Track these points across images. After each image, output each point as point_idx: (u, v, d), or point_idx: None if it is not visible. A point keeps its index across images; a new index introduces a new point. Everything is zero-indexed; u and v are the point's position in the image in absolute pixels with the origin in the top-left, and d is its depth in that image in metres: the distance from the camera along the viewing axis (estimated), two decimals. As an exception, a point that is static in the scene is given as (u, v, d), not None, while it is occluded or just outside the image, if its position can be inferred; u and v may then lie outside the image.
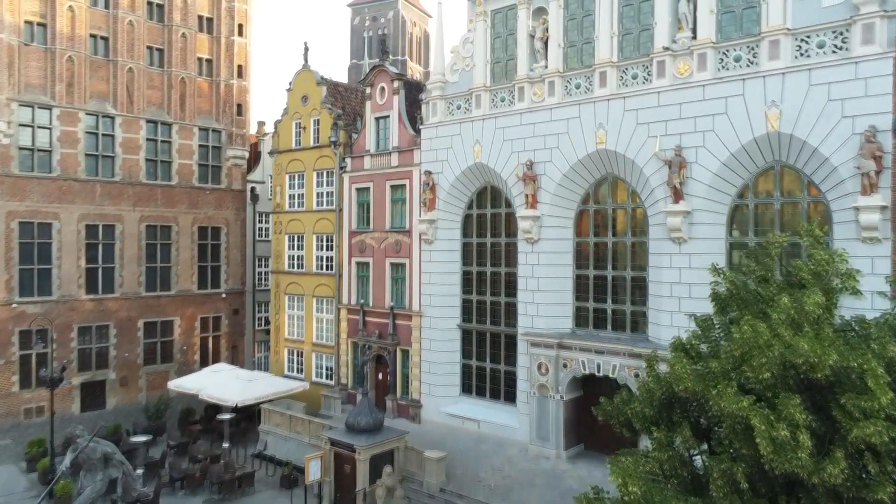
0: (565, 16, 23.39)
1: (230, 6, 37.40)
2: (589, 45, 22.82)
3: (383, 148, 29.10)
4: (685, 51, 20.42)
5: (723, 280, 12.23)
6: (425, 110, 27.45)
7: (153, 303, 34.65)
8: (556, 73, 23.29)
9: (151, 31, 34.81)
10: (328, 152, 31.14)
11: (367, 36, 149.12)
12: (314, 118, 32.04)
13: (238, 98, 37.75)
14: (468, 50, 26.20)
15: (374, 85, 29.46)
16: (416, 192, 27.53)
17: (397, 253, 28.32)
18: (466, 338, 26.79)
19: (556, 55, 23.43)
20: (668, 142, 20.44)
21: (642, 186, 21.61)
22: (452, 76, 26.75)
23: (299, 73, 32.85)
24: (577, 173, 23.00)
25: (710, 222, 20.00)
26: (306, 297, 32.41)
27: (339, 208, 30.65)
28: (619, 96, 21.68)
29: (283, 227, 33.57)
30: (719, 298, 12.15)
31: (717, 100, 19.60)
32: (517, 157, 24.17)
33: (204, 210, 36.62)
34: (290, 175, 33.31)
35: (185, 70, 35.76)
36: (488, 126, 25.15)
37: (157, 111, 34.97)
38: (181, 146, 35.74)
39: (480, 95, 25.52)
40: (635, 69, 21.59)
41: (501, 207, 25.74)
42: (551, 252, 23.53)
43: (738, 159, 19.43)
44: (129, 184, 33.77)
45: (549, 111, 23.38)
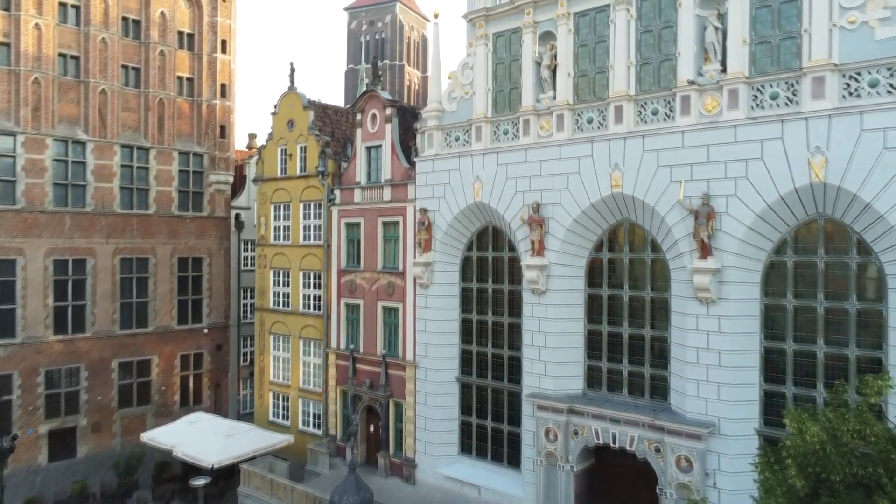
0: (576, 42, 21.00)
1: (212, 21, 34.97)
2: (602, 76, 20.44)
3: (375, 180, 26.69)
4: (713, 85, 18.05)
5: (808, 433, 9.71)
6: (420, 141, 25.06)
7: (129, 341, 32.18)
8: (566, 105, 20.91)
9: (127, 48, 32.36)
10: (316, 182, 28.73)
11: (364, 40, 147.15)
12: (300, 145, 29.62)
13: (221, 119, 35.31)
14: (467, 76, 23.80)
15: (364, 111, 27.06)
16: (411, 231, 25.13)
17: (390, 296, 25.89)
18: (466, 392, 24.37)
19: (566, 85, 21.04)
20: (694, 188, 18.06)
21: (663, 236, 19.22)
22: (450, 104, 24.34)
23: (285, 96, 30.45)
24: (589, 218, 20.61)
25: (743, 281, 17.61)
26: (292, 339, 29.99)
27: (328, 244, 28.23)
28: (638, 134, 19.29)
29: (268, 261, 31.15)
30: (802, 456, 9.65)
31: (750, 143, 17.22)
32: (522, 198, 21.78)
33: (184, 240, 34.16)
34: (275, 205, 30.89)
35: (163, 90, 33.31)
36: (490, 161, 22.75)
37: (132, 135, 32.52)
38: (159, 172, 33.29)
39: (481, 127, 23.12)
40: (655, 104, 19.21)
41: (504, 251, 23.33)
42: (560, 304, 21.13)
43: (776, 211, 17.04)
44: (101, 214, 31.30)
45: (558, 148, 20.99)
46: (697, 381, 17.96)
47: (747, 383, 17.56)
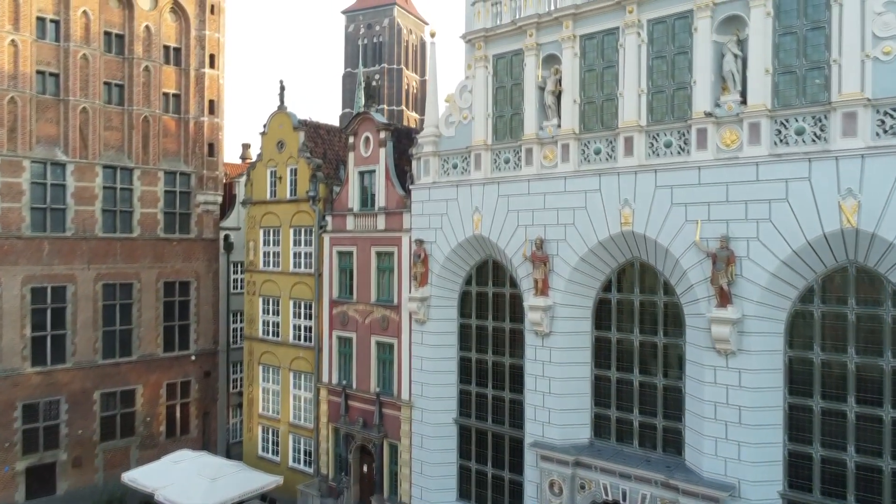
0: (582, 66, 19.58)
1: (200, 35, 33.52)
2: (611, 103, 19.03)
3: (368, 207, 25.27)
4: (732, 117, 16.64)
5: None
6: (416, 167, 23.64)
7: (111, 371, 30.72)
8: (571, 134, 19.50)
9: (109, 64, 30.90)
10: (306, 207, 27.30)
11: (361, 44, 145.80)
12: (291, 167, 28.20)
13: (209, 137, 33.86)
14: (466, 100, 22.39)
15: (357, 134, 25.63)
16: (406, 262, 23.71)
17: (384, 331, 24.47)
18: (464, 435, 22.93)
19: (571, 112, 19.63)
20: (712, 229, 16.65)
21: (678, 278, 17.81)
22: (447, 129, 22.92)
23: (274, 116, 29.03)
24: (596, 256, 19.20)
25: (765, 332, 16.20)
26: (282, 370, 28.55)
27: (319, 273, 26.80)
28: (649, 168, 17.88)
29: (257, 287, 29.71)
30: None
31: (774, 182, 15.81)
32: (524, 232, 20.37)
33: (170, 263, 32.71)
34: (264, 230, 29.46)
35: (148, 108, 31.85)
36: (490, 192, 21.34)
37: (115, 155, 31.07)
38: (144, 193, 31.84)
39: (480, 155, 21.71)
40: (669, 136, 17.80)
41: (505, 286, 21.90)
42: (566, 348, 19.72)
43: (803, 257, 15.64)
44: (82, 239, 29.84)
45: (563, 180, 19.58)
46: (715, 438, 16.55)
47: (770, 443, 16.16)
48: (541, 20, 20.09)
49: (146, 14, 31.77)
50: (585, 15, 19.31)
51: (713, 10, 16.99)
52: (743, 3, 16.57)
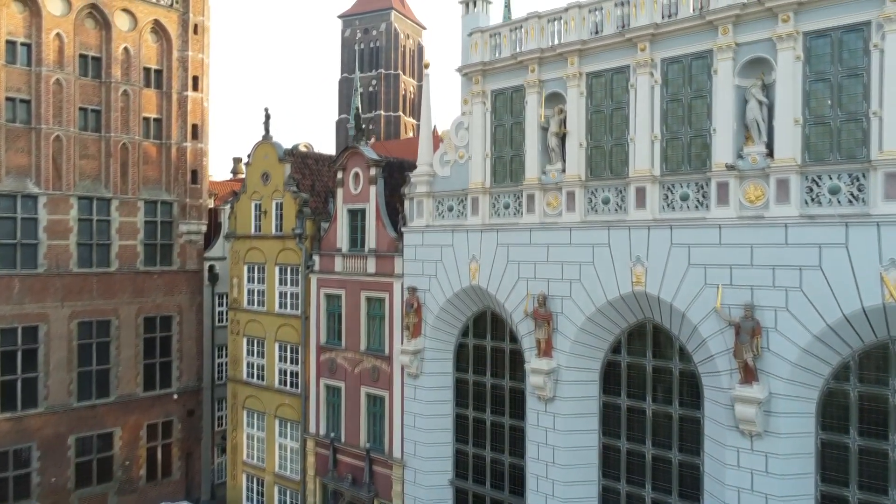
0: (588, 107, 17.92)
1: (182, 56, 31.78)
2: (621, 149, 17.36)
3: (358, 248, 23.58)
4: (757, 172, 14.99)
5: None
6: (408, 208, 21.97)
7: (87, 414, 28.97)
8: (577, 181, 17.84)
9: (85, 89, 29.15)
10: (292, 245, 25.60)
11: (358, 49, 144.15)
12: (276, 201, 26.49)
13: (193, 163, 32.12)
14: (462, 138, 20.72)
15: (346, 169, 23.95)
16: (398, 310, 22.03)
17: (375, 382, 22.79)
18: (461, 500, 21.24)
19: (577, 157, 17.97)
20: (735, 296, 15.00)
21: (696, 345, 16.15)
22: (442, 169, 21.25)
23: (259, 146, 27.33)
24: (605, 316, 17.53)
25: (795, 412, 14.54)
26: (268, 417, 26.85)
27: (306, 315, 25.11)
28: (664, 224, 16.22)
29: (241, 327, 28.02)
30: None
31: (805, 247, 14.16)
32: (526, 286, 18.70)
33: (151, 297, 30.96)
34: (248, 266, 27.77)
35: (127, 134, 30.10)
36: (488, 240, 19.66)
37: (92, 185, 29.32)
38: (122, 225, 30.08)
39: (478, 199, 20.05)
40: (686, 188, 16.15)
41: (505, 341, 20.23)
42: (571, 415, 18.05)
43: (839, 332, 13.98)
44: (56, 275, 28.09)
45: (568, 231, 17.91)
46: (739, 528, 14.90)
47: (801, 536, 14.51)
48: (543, 55, 18.44)
49: (125, 35, 30.02)
50: (592, 51, 17.66)
51: (735, 52, 15.34)
52: (769, 45, 14.93)
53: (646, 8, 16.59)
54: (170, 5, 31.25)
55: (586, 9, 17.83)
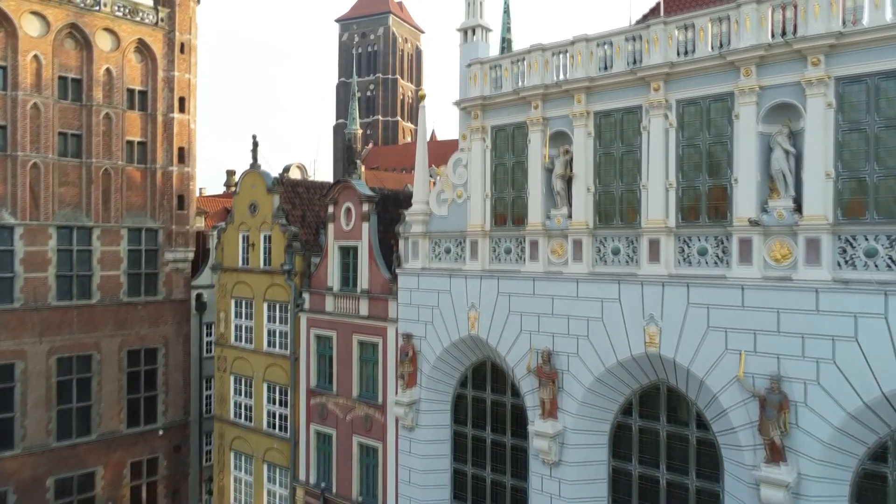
0: (597, 148, 16.57)
1: (168, 76, 30.39)
2: (632, 195, 16.02)
3: (350, 288, 22.22)
4: (783, 228, 13.66)
5: None
6: (403, 248, 20.62)
7: (67, 454, 27.60)
8: (585, 228, 16.50)
9: (65, 113, 27.78)
10: (281, 281, 24.25)
11: (355, 53, 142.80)
12: (265, 233, 25.13)
13: (179, 188, 30.74)
14: (460, 175, 19.37)
15: (337, 203, 22.59)
16: (392, 355, 20.68)
17: (368, 431, 21.43)
18: (459, 562, 19.92)
19: (584, 202, 16.63)
20: (760, 364, 13.66)
21: (715, 413, 14.81)
22: (439, 208, 19.89)
23: (246, 176, 25.99)
24: (615, 377, 16.19)
25: (827, 495, 13.20)
26: (255, 461, 25.48)
27: (295, 356, 23.75)
28: (680, 280, 14.88)
29: (228, 364, 26.66)
30: None
31: (839, 315, 12.82)
32: (529, 340, 17.36)
33: (135, 329, 29.59)
34: (235, 300, 26.41)
35: (109, 159, 28.75)
36: (488, 287, 18.31)
37: (72, 214, 27.95)
38: (104, 254, 28.71)
39: (477, 242, 18.69)
40: (704, 242, 14.81)
41: (506, 394, 18.88)
42: (578, 481, 16.69)
43: (877, 411, 12.64)
44: (33, 309, 26.73)
45: (575, 283, 16.56)
46: None
47: None
48: (548, 91, 17.09)
49: (107, 56, 28.66)
50: (601, 88, 16.32)
51: (759, 96, 14.01)
52: (797, 90, 13.59)
53: (660, 44, 15.26)
54: (155, 24, 29.90)
55: (594, 42, 16.48)
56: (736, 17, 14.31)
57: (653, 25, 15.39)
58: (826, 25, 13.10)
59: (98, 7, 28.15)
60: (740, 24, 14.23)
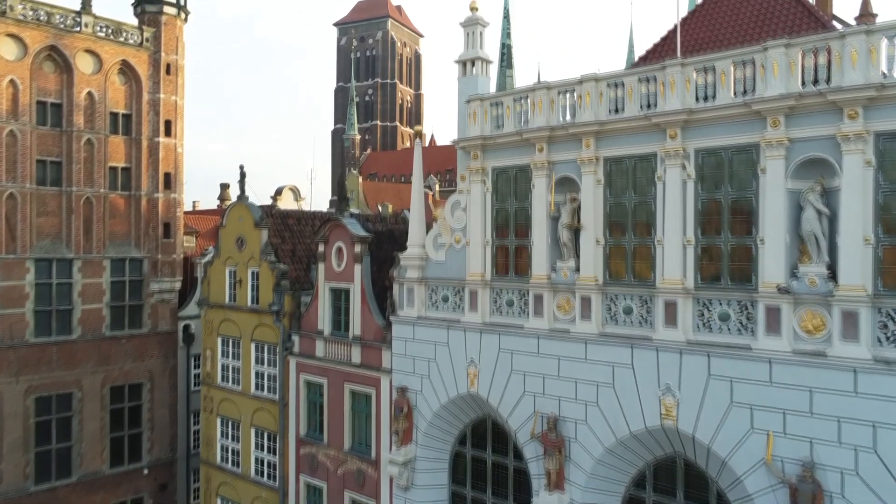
0: (607, 197, 15.25)
1: (154, 99, 29.04)
2: (646, 250, 14.70)
3: (341, 333, 20.89)
4: (816, 297, 12.33)
5: None
6: (398, 293, 19.29)
7: (46, 499, 26.24)
8: (594, 284, 15.18)
9: (44, 140, 26.43)
10: (269, 322, 22.92)
11: (354, 57, 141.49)
12: (252, 269, 23.80)
13: (165, 215, 29.39)
14: (458, 219, 18.04)
15: (328, 242, 21.26)
16: (385, 408, 19.36)
17: (360, 488, 20.11)
18: None
19: (593, 256, 15.31)
20: (790, 448, 12.35)
21: (738, 496, 13.47)
22: (436, 252, 18.57)
23: (233, 208, 24.66)
24: (628, 448, 14.86)
25: None
26: (243, 509, 24.16)
27: (284, 402, 22.42)
28: (700, 349, 13.56)
29: (215, 405, 25.31)
30: None
31: (880, 400, 11.50)
32: (532, 402, 16.04)
33: (118, 364, 28.25)
34: (222, 339, 25.07)
35: (91, 187, 27.40)
36: (489, 342, 16.99)
37: (51, 246, 26.60)
38: (86, 287, 27.38)
39: (477, 293, 17.37)
40: (726, 307, 13.49)
41: (508, 456, 17.56)
42: (586, 559, 15.36)
43: (922, 509, 11.32)
44: (9, 347, 25.39)
45: (583, 345, 15.24)
46: None
47: None
48: (554, 133, 15.78)
49: (88, 79, 27.30)
50: (612, 133, 15.00)
51: (788, 149, 12.69)
52: (831, 145, 12.28)
53: (677, 88, 13.95)
54: (139, 44, 28.56)
55: (604, 82, 15.17)
56: (762, 61, 13.00)
57: (669, 67, 14.08)
58: (864, 75, 11.80)
59: (79, 28, 26.80)
60: (767, 69, 12.92)
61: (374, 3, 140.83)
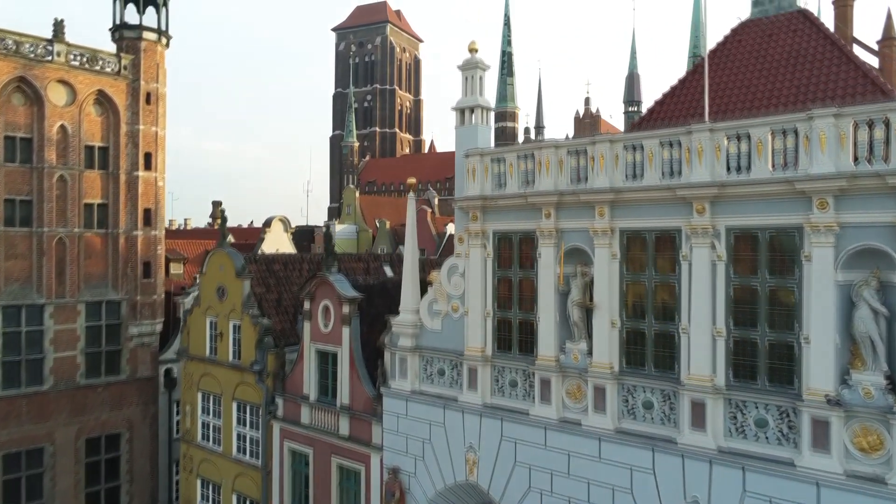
0: (623, 274, 13.47)
1: (133, 130, 27.26)
2: (669, 337, 12.91)
3: (328, 400, 19.11)
4: (871, 411, 10.54)
5: None
6: (389, 362, 17.52)
7: (15, 562, 24.55)
8: (608, 371, 13.40)
9: (12, 177, 24.68)
10: (252, 381, 21.14)
11: (352, 63, 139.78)
12: (234, 322, 22.02)
13: (145, 254, 27.62)
14: (456, 286, 16.26)
15: (314, 299, 19.48)
16: (375, 487, 17.57)
17: (348, 573, 18.34)
18: None
19: (608, 339, 13.53)
20: (841, 588, 10.54)
21: None
22: (432, 320, 16.79)
23: (214, 255, 22.86)
24: (647, 563, 13.07)
25: None
26: (224, 581, 22.37)
27: (267, 469, 20.64)
28: (733, 459, 11.77)
29: (195, 465, 23.53)
30: None
31: (953, 542, 9.71)
32: (539, 499, 14.24)
33: (94, 415, 26.49)
34: (203, 394, 23.29)
35: (64, 226, 25.65)
36: (489, 428, 15.21)
37: (20, 291, 24.84)
38: (59, 334, 25.62)
39: (476, 370, 15.59)
40: (763, 412, 11.70)
41: (511, 552, 15.77)
42: None
43: None
44: (-26, 403, 23.68)
45: (597, 441, 13.45)
46: None
47: None
48: (563, 199, 14.00)
49: (61, 111, 25.54)
50: (629, 202, 13.22)
51: (838, 237, 10.89)
52: (889, 233, 10.50)
53: (705, 157, 12.16)
54: (117, 73, 26.80)
55: (620, 144, 13.40)
56: (806, 131, 11.22)
57: (696, 132, 12.29)
58: (933, 156, 10.01)
59: (50, 57, 25.03)
60: (812, 141, 11.14)
61: (373, 8, 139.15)
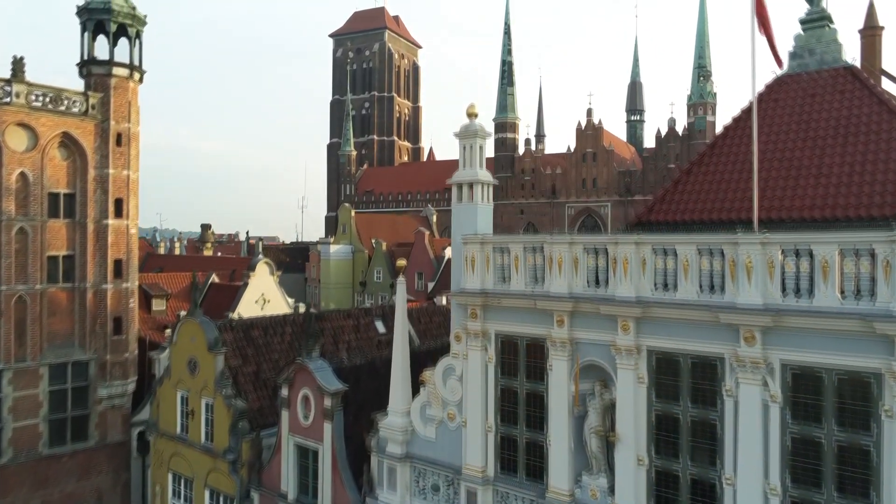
0: (651, 402, 11.23)
1: (102, 174, 24.99)
2: (709, 486, 10.68)
3: (309, 499, 16.87)
4: None
5: None
6: (376, 469, 15.29)
7: None
8: (634, 518, 11.16)
9: (-35, 231, 22.48)
10: (225, 469, 18.90)
11: (350, 69, 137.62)
12: (206, 400, 19.78)
13: (115, 309, 25.36)
14: (452, 390, 14.03)
15: (293, 386, 17.24)
16: None
17: None
18: None
19: (634, 478, 11.32)
20: None
21: None
22: (425, 427, 14.56)
23: (184, 324, 20.57)
24: None
25: None
26: None
27: (242, 571, 18.42)
28: None
29: (165, 553, 21.29)
30: None
31: None
32: None
33: (59, 487, 24.25)
34: (173, 475, 21.05)
35: (24, 283, 23.40)
36: (492, 565, 12.98)
37: (-26, 356, 22.63)
38: (18, 401, 23.37)
39: (476, 493, 13.36)
40: None
41: None
42: None
43: None
44: (-79, 483, 21.46)
45: None
46: None
47: None
48: (578, 307, 11.77)
49: (21, 158, 23.28)
50: (660, 318, 10.99)
51: (930, 391, 8.66)
52: None
53: (755, 275, 9.94)
54: (84, 113, 24.55)
55: (648, 247, 11.17)
56: (887, 254, 9.00)
57: (743, 243, 10.07)
58: None
59: (8, 99, 22.79)
60: (893, 264, 8.92)
61: (371, 15, 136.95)
